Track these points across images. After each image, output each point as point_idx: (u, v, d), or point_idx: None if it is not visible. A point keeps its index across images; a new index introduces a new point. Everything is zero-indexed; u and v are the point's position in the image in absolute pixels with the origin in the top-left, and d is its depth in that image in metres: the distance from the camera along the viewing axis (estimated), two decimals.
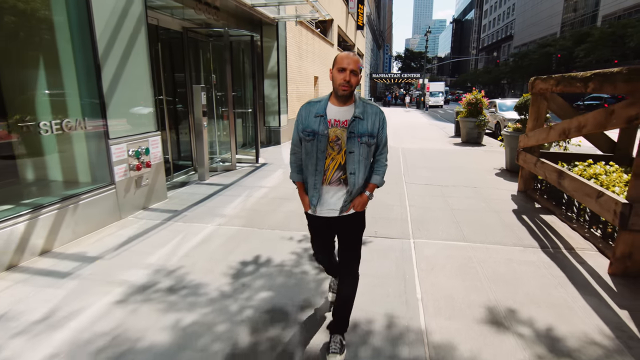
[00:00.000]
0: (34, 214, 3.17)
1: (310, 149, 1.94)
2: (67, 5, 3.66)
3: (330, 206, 2.00)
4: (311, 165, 1.96)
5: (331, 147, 1.92)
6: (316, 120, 1.92)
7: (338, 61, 1.84)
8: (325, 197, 1.99)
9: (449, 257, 3.27)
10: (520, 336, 2.22)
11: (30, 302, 2.51)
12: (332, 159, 1.94)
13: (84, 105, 3.84)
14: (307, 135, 1.94)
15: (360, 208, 2.01)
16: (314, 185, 1.97)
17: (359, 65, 1.84)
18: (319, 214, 2.02)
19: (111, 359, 2.01)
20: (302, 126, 1.96)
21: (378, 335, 2.22)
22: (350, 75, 1.81)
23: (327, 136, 1.90)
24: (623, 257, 2.90)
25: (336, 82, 1.85)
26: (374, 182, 2.04)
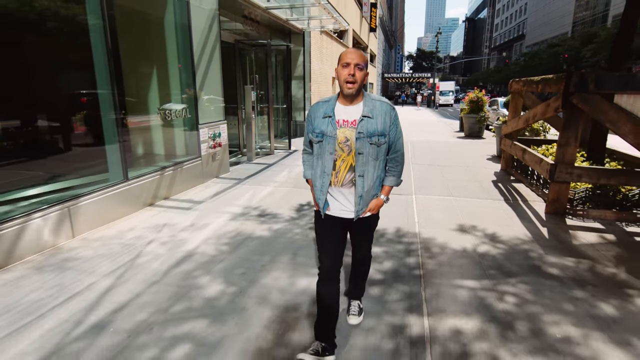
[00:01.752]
0: (161, 172, 4.81)
1: (320, 151, 1.89)
2: (176, 31, 5.28)
3: (345, 206, 1.93)
4: (319, 167, 1.91)
5: (341, 149, 1.85)
6: (325, 121, 1.86)
7: (342, 57, 1.78)
8: (339, 198, 1.93)
9: (438, 204, 4.80)
10: (475, 235, 3.74)
11: (177, 219, 4.13)
12: (342, 161, 1.86)
13: (185, 100, 5.47)
14: (316, 136, 1.89)
15: (375, 211, 1.97)
16: (320, 188, 1.92)
17: (364, 60, 1.76)
18: (333, 213, 1.95)
19: (240, 240, 3.60)
20: (312, 127, 1.91)
21: (391, 234, 3.76)
22: (354, 69, 1.74)
23: (336, 137, 1.83)
24: (553, 200, 4.38)
25: (341, 79, 1.78)
26: (389, 184, 1.97)
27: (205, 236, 3.66)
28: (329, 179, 1.89)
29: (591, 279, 2.89)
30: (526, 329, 2.27)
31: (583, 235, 3.81)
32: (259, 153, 8.36)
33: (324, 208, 1.94)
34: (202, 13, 5.55)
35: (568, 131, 4.17)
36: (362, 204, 1.89)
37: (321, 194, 1.91)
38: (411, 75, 45.61)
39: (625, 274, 2.98)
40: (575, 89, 3.99)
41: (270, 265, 3.07)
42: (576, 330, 2.26)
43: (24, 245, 3.09)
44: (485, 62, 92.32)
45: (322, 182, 1.90)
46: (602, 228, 4.02)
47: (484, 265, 3.10)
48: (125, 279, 2.81)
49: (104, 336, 2.16)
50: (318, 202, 1.94)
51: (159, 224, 3.98)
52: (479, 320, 2.34)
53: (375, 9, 28.62)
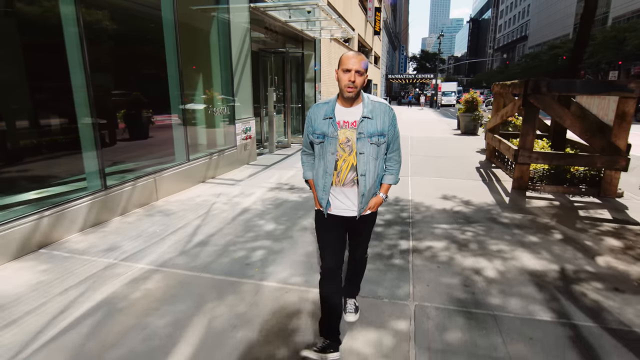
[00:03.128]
0: (209, 157, 6.11)
1: (321, 151, 1.94)
2: (219, 44, 6.59)
3: (347, 205, 1.99)
4: (321, 168, 1.96)
5: (342, 149, 1.90)
6: (325, 123, 1.90)
7: (343, 61, 1.81)
8: (340, 197, 1.99)
9: (428, 183, 6.06)
10: (453, 201, 5.01)
11: (228, 190, 5.43)
12: (343, 161, 1.92)
13: (226, 100, 6.78)
14: (317, 137, 1.93)
15: (375, 208, 2.04)
16: (323, 188, 1.97)
17: (364, 65, 1.80)
18: (335, 212, 2.00)
19: (279, 202, 4.87)
20: (312, 128, 1.96)
21: (390, 201, 5.02)
22: (355, 76, 1.79)
23: (337, 138, 1.88)
24: (517, 178, 5.63)
25: (342, 83, 1.82)
26: (388, 182, 2.04)
27: (253, 200, 4.96)
28: (331, 179, 1.93)
29: (528, 225, 4.15)
30: (475, 246, 3.54)
31: (535, 202, 5.07)
32: (278, 146, 9.65)
33: (326, 207, 1.99)
34: (239, 29, 6.85)
35: (527, 124, 5.42)
36: (364, 202, 1.96)
37: (324, 194, 1.97)
38: (414, 76, 46.78)
39: (555, 222, 4.23)
40: (531, 91, 5.24)
41: (305, 216, 4.36)
42: (508, 247, 3.52)
43: (132, 201, 4.41)
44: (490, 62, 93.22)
45: (324, 182, 1.95)
46: (552, 198, 5.27)
47: (456, 217, 4.37)
48: (208, 221, 4.11)
49: (208, 246, 3.46)
50: (320, 201, 1.99)
51: (216, 193, 5.29)
52: (445, 242, 3.62)
53: (379, 13, 29.88)
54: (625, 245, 3.61)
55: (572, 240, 3.72)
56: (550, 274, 3.00)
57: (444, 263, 3.18)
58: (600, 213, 4.62)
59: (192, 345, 2.12)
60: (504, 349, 2.11)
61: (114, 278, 2.85)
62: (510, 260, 3.24)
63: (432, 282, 2.85)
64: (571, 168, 5.60)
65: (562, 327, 2.31)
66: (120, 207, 4.25)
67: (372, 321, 2.35)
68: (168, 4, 5.13)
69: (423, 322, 2.35)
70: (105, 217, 4.03)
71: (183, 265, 3.07)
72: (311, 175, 2.10)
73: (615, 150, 5.14)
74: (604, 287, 2.80)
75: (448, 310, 2.49)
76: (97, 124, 3.98)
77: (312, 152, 2.08)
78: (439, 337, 2.21)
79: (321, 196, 1.98)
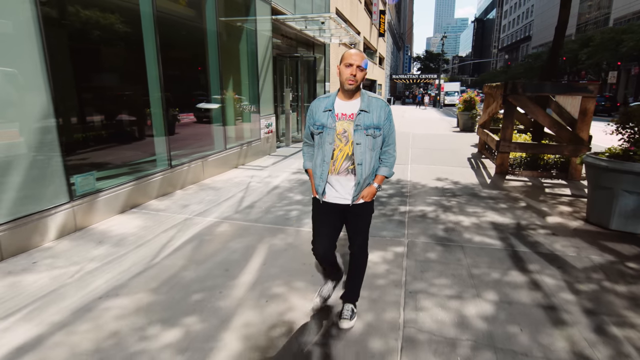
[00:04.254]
0: (240, 147, 7.27)
1: (320, 141, 2.09)
2: (248, 50, 7.74)
3: (341, 194, 2.12)
4: (320, 156, 2.10)
5: (339, 139, 2.04)
6: (325, 114, 2.06)
7: (345, 57, 1.96)
8: (335, 186, 2.11)
9: (425, 169, 7.18)
10: (444, 182, 6.12)
11: (258, 173, 6.58)
12: (340, 150, 2.06)
13: (252, 98, 7.93)
14: (317, 128, 2.09)
15: (369, 198, 2.14)
16: (320, 175, 2.11)
17: (365, 62, 1.96)
18: (330, 200, 2.14)
19: (303, 182, 6.00)
20: (313, 120, 2.11)
21: (393, 181, 6.13)
22: (356, 70, 1.95)
23: (335, 129, 2.03)
24: (499, 165, 6.72)
25: (343, 76, 1.97)
26: (382, 173, 2.16)
27: (280, 180, 6.11)
28: (328, 167, 2.07)
29: (501, 197, 5.26)
30: (457, 210, 4.65)
31: (512, 183, 6.17)
32: (293, 140, 10.79)
33: (322, 194, 2.13)
34: (263, 37, 8.01)
35: (507, 119, 6.52)
36: (357, 190, 2.09)
37: (321, 181, 2.10)
38: (418, 77, 47.78)
39: (523, 196, 5.34)
40: (510, 92, 6.33)
41: None
42: (481, 210, 4.63)
43: (188, 178, 5.57)
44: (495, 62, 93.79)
45: (321, 169, 2.09)
46: (527, 180, 6.37)
47: (445, 192, 5.49)
48: (248, 194, 5.26)
49: (254, 209, 4.60)
50: (317, 188, 2.13)
51: (249, 175, 6.44)
52: (434, 207, 4.73)
53: (383, 16, 30.93)
54: (573, 210, 4.71)
55: (532, 207, 4.83)
56: (508, 225, 4.11)
57: (431, 219, 4.31)
58: (563, 191, 5.71)
59: (261, 257, 3.26)
60: (464, 260, 3.23)
61: (194, 225, 4.01)
62: (481, 217, 4.36)
63: (421, 229, 3.97)
64: (544, 156, 6.69)
65: (506, 251, 3.43)
66: (180, 183, 5.41)
67: (379, 248, 3.47)
68: (212, 18, 6.29)
69: (413, 248, 3.48)
70: (170, 189, 5.20)
71: (240, 219, 4.23)
72: (310, 165, 2.26)
73: (579, 141, 6.21)
74: (545, 233, 3.91)
75: (430, 243, 3.61)
76: (167, 117, 5.15)
77: (312, 143, 2.22)
78: (423, 255, 3.34)
79: (318, 183, 2.13)
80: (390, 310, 2.48)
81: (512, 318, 2.41)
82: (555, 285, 2.82)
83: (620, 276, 2.98)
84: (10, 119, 3.16)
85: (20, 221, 3.23)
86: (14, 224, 3.18)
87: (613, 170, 3.86)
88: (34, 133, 3.33)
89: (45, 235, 3.44)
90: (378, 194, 5.06)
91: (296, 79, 10.83)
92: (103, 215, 4.08)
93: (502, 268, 3.10)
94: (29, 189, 3.30)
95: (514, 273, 3.01)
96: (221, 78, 6.56)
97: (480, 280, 2.89)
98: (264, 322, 2.35)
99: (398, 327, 2.31)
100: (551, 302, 2.60)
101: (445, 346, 2.15)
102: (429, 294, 2.69)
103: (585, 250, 3.48)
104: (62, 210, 3.60)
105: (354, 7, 19.83)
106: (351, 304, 2.34)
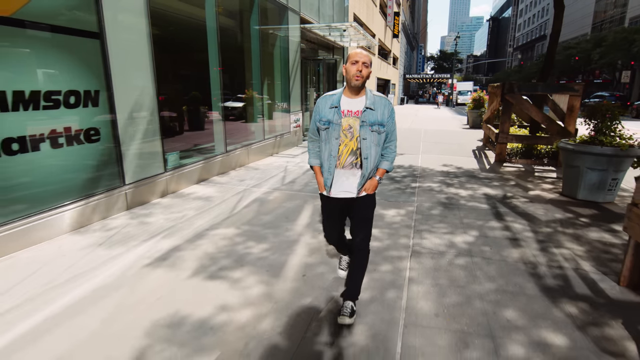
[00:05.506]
0: (275, 138, 8.52)
1: (326, 137, 2.20)
2: (281, 55, 8.99)
3: (345, 188, 2.24)
4: (326, 151, 2.21)
5: (344, 135, 2.16)
6: (331, 111, 2.17)
7: (351, 56, 2.11)
8: (340, 179, 2.23)
9: (434, 157, 8.30)
10: (449, 167, 7.24)
11: (291, 160, 7.81)
12: (345, 145, 2.17)
13: (284, 97, 9.19)
14: (323, 124, 2.19)
15: (371, 191, 2.26)
16: (328, 169, 2.22)
17: (370, 60, 2.11)
18: (334, 195, 2.25)
19: None
20: (319, 116, 2.22)
21: (406, 166, 7.29)
22: (362, 66, 2.07)
23: (341, 125, 2.14)
24: (498, 154, 7.80)
25: (350, 74, 2.10)
26: (384, 167, 2.28)
27: None
28: (335, 161, 2.18)
29: (496, 178, 6.36)
30: (457, 185, 5.79)
31: (507, 169, 7.25)
32: None
33: (330, 188, 2.25)
34: (293, 43, 9.25)
35: (505, 115, 7.60)
36: (361, 183, 2.22)
37: (329, 174, 2.22)
38: (431, 76, 48.48)
39: (514, 178, 6.43)
40: (507, 91, 7.41)
41: None
42: (477, 186, 5.76)
43: (238, 162, 6.84)
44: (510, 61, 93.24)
45: (329, 163, 2.20)
46: (521, 167, 7.45)
47: (449, 175, 6.62)
48: (288, 174, 6.49)
49: (295, 184, 5.83)
50: (325, 181, 2.25)
51: (284, 161, 7.69)
52: (439, 184, 5.88)
53: (397, 17, 31.91)
54: (553, 187, 5.80)
55: (520, 185, 5.94)
56: (497, 196, 5.24)
57: (436, 191, 5.47)
58: (550, 175, 6.78)
59: (309, 211, 4.48)
60: (458, 214, 4.39)
61: (253, 193, 5.26)
62: (476, 191, 5.50)
63: (427, 197, 5.14)
64: (537, 146, 7.75)
65: (491, 210, 4.58)
66: (232, 165, 6.69)
67: (395, 207, 4.65)
68: (256, 29, 7.56)
69: (420, 207, 4.65)
70: (226, 169, 6.48)
71: (287, 189, 5.46)
72: (315, 162, 2.35)
73: (567, 133, 7.25)
74: (524, 201, 5.03)
75: (434, 205, 4.78)
76: (224, 112, 6.44)
77: (317, 139, 2.32)
78: (428, 212, 4.51)
79: (326, 177, 2.24)
80: (402, 238, 3.67)
81: (485, 243, 3.58)
82: (521, 229, 3.97)
83: (572, 225, 4.11)
84: (139, 111, 4.45)
85: (138, 183, 4.52)
86: (135, 185, 4.48)
87: (579, 152, 4.96)
88: (148, 123, 4.62)
89: (152, 195, 4.74)
90: (393, 175, 6.24)
91: (318, 79, 12.03)
92: (184, 185, 5.38)
93: (485, 219, 4.25)
94: (144, 160, 4.59)
95: (493, 222, 4.16)
96: (261, 79, 7.82)
97: (467, 225, 4.05)
98: (318, 243, 3.57)
99: (408, 247, 3.50)
100: (515, 237, 3.75)
101: (437, 254, 3.33)
102: (430, 232, 3.87)
103: (552, 211, 4.60)
104: (161, 177, 4.89)
105: (370, 11, 20.95)
106: (351, 302, 2.36)
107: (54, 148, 3.52)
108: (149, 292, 2.67)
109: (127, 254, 3.29)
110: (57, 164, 3.59)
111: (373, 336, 2.21)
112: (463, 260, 3.23)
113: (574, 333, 2.26)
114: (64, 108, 3.57)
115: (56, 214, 3.57)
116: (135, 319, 2.35)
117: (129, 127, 4.33)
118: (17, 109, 3.17)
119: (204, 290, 2.70)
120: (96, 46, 3.86)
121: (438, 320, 2.38)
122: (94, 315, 2.40)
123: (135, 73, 4.41)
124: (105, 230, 3.80)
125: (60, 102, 3.53)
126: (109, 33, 3.95)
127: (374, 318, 2.39)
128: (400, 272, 2.99)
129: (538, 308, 2.52)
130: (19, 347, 2.10)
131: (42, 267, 3.02)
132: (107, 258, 3.20)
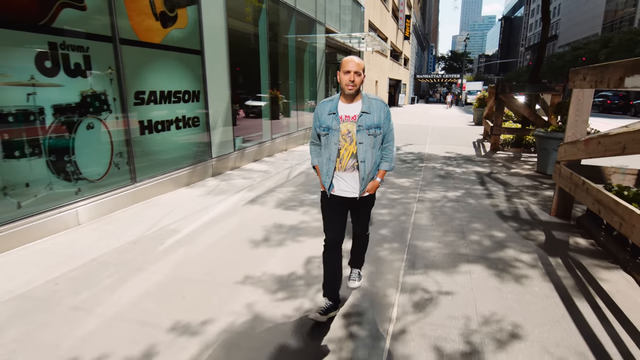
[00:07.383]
0: (305, 131, 10.20)
1: (326, 142, 2.29)
2: (310, 61, 10.67)
3: (348, 188, 2.33)
4: (326, 156, 2.30)
5: (344, 139, 2.24)
6: (330, 117, 2.24)
7: (343, 65, 2.15)
8: (342, 181, 2.33)
9: (439, 147, 9.88)
10: (450, 154, 8.82)
11: None
12: (345, 149, 2.26)
13: (312, 95, 10.87)
14: (323, 130, 2.28)
15: (372, 191, 2.38)
16: (326, 173, 2.32)
17: (362, 68, 2.16)
18: (338, 193, 2.35)
19: None
20: (319, 122, 2.30)
21: (414, 153, 8.89)
22: (354, 76, 2.14)
23: (339, 130, 2.22)
24: (492, 144, 9.34)
25: (343, 83, 2.16)
26: (384, 168, 2.38)
27: None
28: (334, 165, 2.29)
29: (487, 162, 7.93)
30: (455, 165, 7.38)
31: (499, 155, 8.80)
32: None
33: (329, 189, 2.36)
34: (320, 50, 10.92)
35: (497, 111, 9.14)
36: (363, 185, 2.32)
37: (327, 178, 2.32)
38: (442, 76, 49.71)
39: (502, 161, 7.98)
40: (500, 91, 8.95)
41: None
42: (471, 166, 7.34)
43: (279, 147, 8.53)
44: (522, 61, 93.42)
45: (328, 167, 2.31)
46: (511, 154, 8.99)
47: (449, 159, 8.20)
48: None
49: None
50: (324, 184, 2.36)
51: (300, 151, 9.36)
52: (440, 164, 7.48)
53: (409, 20, 33.34)
54: (531, 167, 7.35)
55: (505, 165, 7.50)
56: (484, 172, 6.82)
57: (438, 168, 7.07)
58: (533, 159, 8.31)
59: None
60: (452, 182, 6.00)
61: (298, 168, 6.94)
62: (469, 169, 7.09)
63: (431, 171, 6.74)
64: (526, 137, 9.27)
65: (478, 179, 6.16)
66: (276, 149, 8.39)
67: (406, 177, 6.26)
68: (292, 39, 9.25)
69: (425, 177, 6.26)
70: (272, 153, 8.20)
71: None
72: (317, 162, 2.47)
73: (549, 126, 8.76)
74: (505, 175, 6.60)
75: (435, 176, 6.38)
76: (272, 108, 8.14)
77: (319, 143, 2.43)
78: (430, 180, 6.12)
79: (325, 179, 2.34)
80: (411, 193, 5.30)
81: (468, 196, 5.19)
82: (496, 190, 5.56)
83: (534, 188, 5.68)
84: (220, 106, 6.14)
85: (219, 158, 6.24)
86: (217, 159, 6.20)
87: (547, 137, 6.51)
88: (225, 115, 6.33)
89: (226, 168, 6.46)
90: (404, 157, 7.87)
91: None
92: (245, 162, 7.09)
93: (472, 184, 5.85)
94: (223, 141, 6.31)
95: (477, 186, 5.76)
96: (295, 81, 9.52)
97: (458, 187, 5.66)
98: None
99: (415, 199, 5.12)
100: (491, 194, 5.35)
101: (434, 201, 4.95)
102: (431, 190, 5.49)
103: (523, 180, 6.17)
104: (232, 155, 6.61)
105: (383, 16, 22.52)
106: (357, 269, 2.74)
107: (177, 129, 5.24)
108: (255, 215, 4.36)
109: (229, 198, 5.00)
110: (177, 140, 5.32)
111: (394, 233, 3.86)
112: (451, 204, 4.85)
113: (511, 232, 3.88)
114: (182, 103, 5.30)
115: (178, 173, 5.30)
116: (254, 225, 4.04)
117: (215, 117, 6.04)
118: (160, 102, 4.90)
119: (287, 215, 4.38)
120: (199, 60, 5.59)
121: (431, 227, 4.01)
122: (227, 224, 4.10)
123: (219, 78, 6.12)
124: (207, 187, 5.52)
125: (181, 99, 5.26)
126: (206, 50, 5.67)
127: (394, 226, 4.03)
128: (409, 209, 4.63)
129: (493, 223, 4.13)
130: (198, 233, 3.80)
131: (178, 205, 4.74)
132: (217, 201, 4.91)
